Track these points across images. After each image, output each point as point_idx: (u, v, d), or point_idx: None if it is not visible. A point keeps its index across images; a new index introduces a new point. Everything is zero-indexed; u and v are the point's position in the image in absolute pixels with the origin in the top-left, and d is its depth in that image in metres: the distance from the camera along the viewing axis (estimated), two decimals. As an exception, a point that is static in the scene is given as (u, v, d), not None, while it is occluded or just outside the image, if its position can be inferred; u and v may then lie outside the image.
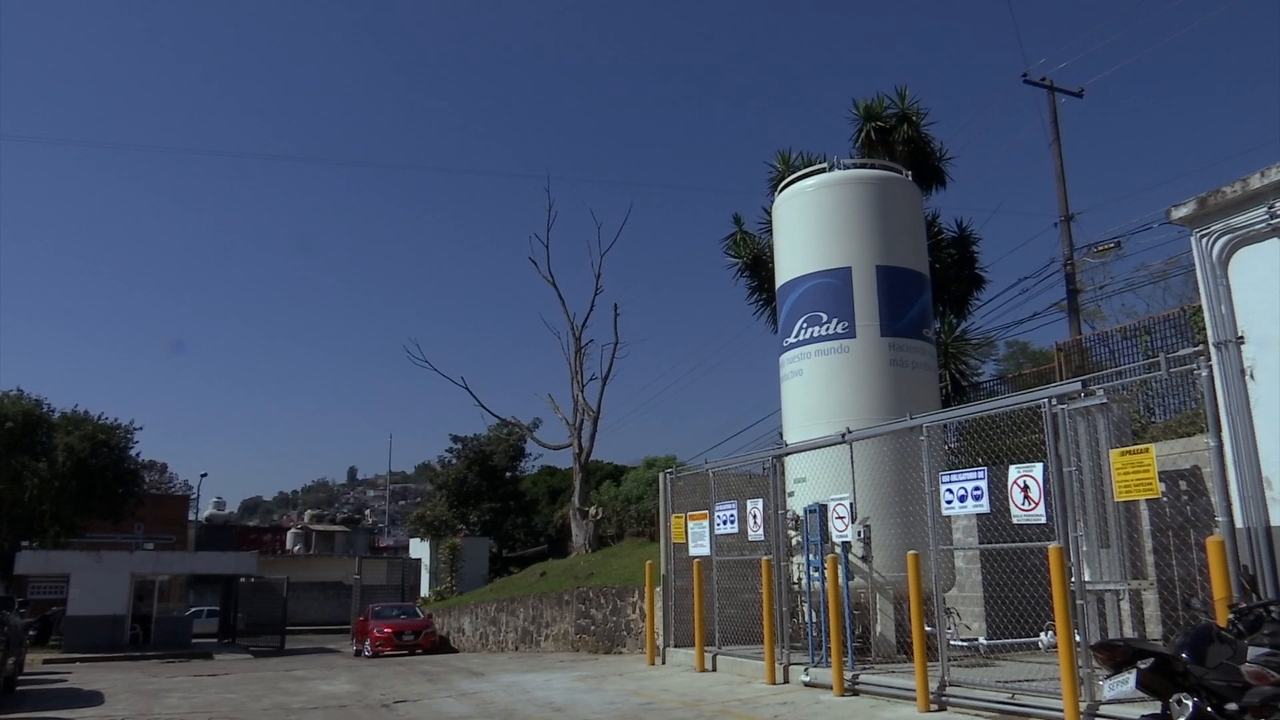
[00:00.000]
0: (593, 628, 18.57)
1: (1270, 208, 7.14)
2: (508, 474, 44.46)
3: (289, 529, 64.38)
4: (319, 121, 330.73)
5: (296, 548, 57.68)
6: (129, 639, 27.36)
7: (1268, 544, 6.87)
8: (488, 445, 43.64)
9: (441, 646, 26.44)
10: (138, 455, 35.21)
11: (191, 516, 52.31)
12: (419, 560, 43.63)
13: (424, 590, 39.97)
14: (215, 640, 32.70)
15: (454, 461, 44.28)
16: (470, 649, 25.54)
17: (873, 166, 14.23)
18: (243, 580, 32.54)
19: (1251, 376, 7.17)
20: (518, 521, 42.88)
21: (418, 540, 44.08)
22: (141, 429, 35.34)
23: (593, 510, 29.28)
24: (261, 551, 43.61)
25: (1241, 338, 7.27)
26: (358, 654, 26.39)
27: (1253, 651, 5.30)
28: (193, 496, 55.54)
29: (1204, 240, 7.65)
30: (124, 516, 33.93)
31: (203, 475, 68.84)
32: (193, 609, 37.07)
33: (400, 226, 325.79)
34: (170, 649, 26.85)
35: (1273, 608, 5.64)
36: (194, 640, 29.97)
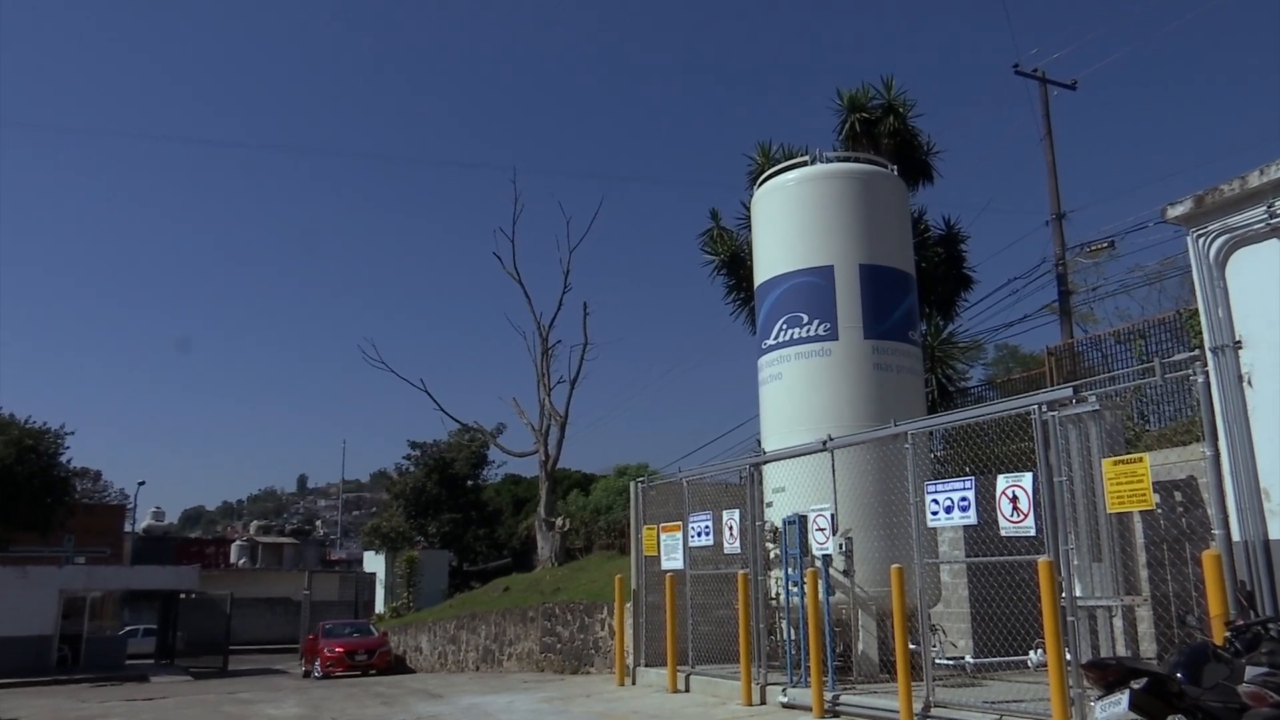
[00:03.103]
0: (559, 646, 18.50)
1: (1270, 207, 7.23)
2: (469, 483, 44.24)
3: (233, 541, 63.77)
4: (268, 106, 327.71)
5: (241, 561, 57.15)
6: (56, 661, 26.89)
7: (1266, 558, 6.94)
8: (448, 452, 43.41)
9: (397, 666, 26.29)
10: (68, 462, 34.76)
11: (127, 528, 51.61)
12: (373, 574, 43.33)
13: (379, 606, 39.70)
14: (152, 661, 32.28)
15: (412, 469, 44.00)
16: (428, 669, 25.36)
17: (857, 160, 14.30)
18: (183, 596, 32.17)
19: (1249, 383, 7.26)
20: (480, 533, 42.68)
21: (372, 553, 43.74)
22: (73, 434, 34.77)
23: (559, 521, 29.17)
24: (203, 565, 43.13)
25: (1239, 342, 7.36)
26: (307, 675, 26.18)
27: (1250, 671, 5.35)
28: (129, 506, 54.86)
29: (1201, 240, 7.74)
30: (53, 528, 33.36)
31: (140, 483, 67.70)
32: (128, 627, 36.59)
33: (355, 218, 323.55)
34: (102, 671, 26.43)
35: (1271, 625, 5.70)
36: (128, 661, 29.56)
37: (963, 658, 10.67)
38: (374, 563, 43.38)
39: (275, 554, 60.88)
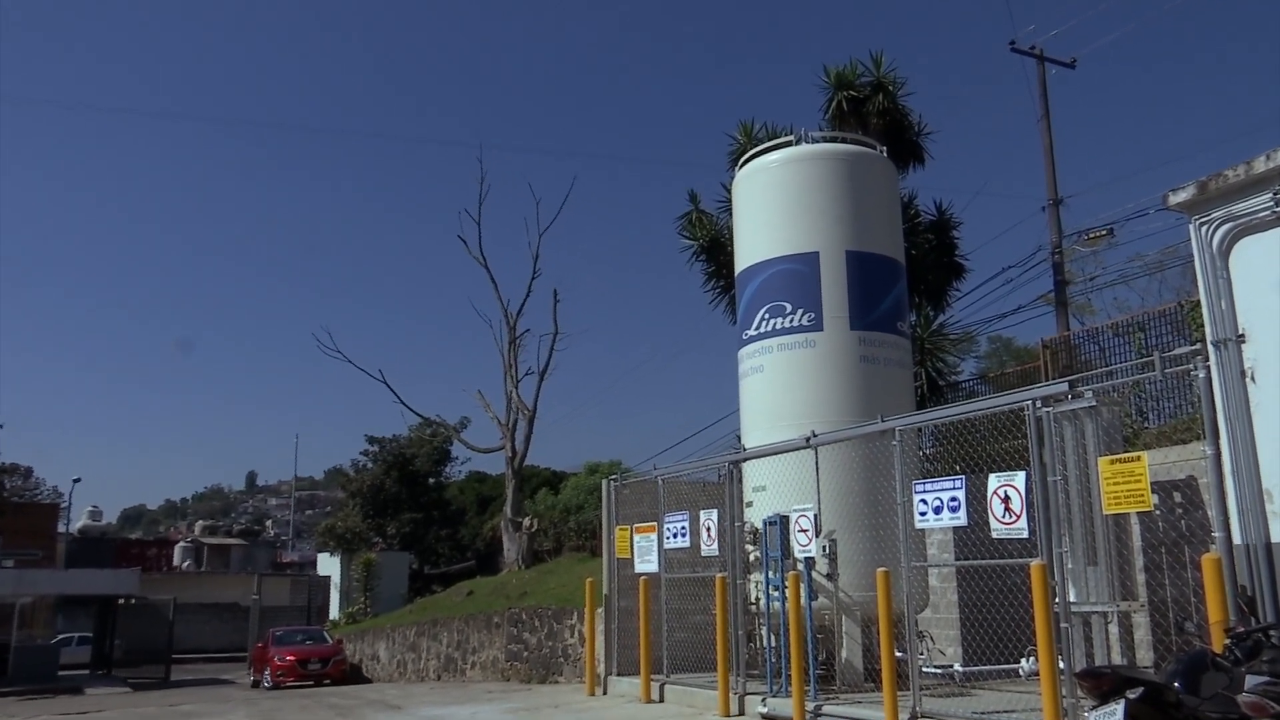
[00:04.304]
0: (526, 654, 18.47)
1: (1276, 194, 7.28)
2: (431, 480, 44.16)
3: (177, 542, 63.21)
4: (209, 76, 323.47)
5: (186, 564, 56.67)
6: (-18, 672, 26.53)
7: (1268, 562, 7.02)
8: (408, 447, 43.26)
9: (353, 676, 26.23)
10: (-3, 457, 34.17)
11: (61, 528, 50.89)
12: (328, 578, 43.13)
13: (333, 612, 39.51)
14: (88, 672, 31.96)
15: (369, 466, 43.84)
16: (386, 678, 25.28)
17: (844, 141, 14.33)
18: (121, 602, 31.82)
19: (1252, 378, 7.33)
20: (442, 534, 42.62)
21: (327, 555, 43.52)
22: (1, 427, 34.29)
23: (527, 521, 29.12)
24: (144, 568, 42.66)
25: (1242, 336, 7.43)
26: (256, 685, 26.07)
27: (1250, 680, 5.42)
28: (63, 505, 54.09)
29: (1203, 229, 7.80)
30: (-21, 529, 32.93)
31: (75, 480, 67.06)
32: (61, 636, 36.14)
33: (310, 198, 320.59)
34: (32, 683, 26.10)
35: (1272, 632, 5.77)
36: (62, 672, 29.19)
37: (951, 666, 10.75)
38: (328, 565, 43.16)
39: (222, 556, 60.42)
